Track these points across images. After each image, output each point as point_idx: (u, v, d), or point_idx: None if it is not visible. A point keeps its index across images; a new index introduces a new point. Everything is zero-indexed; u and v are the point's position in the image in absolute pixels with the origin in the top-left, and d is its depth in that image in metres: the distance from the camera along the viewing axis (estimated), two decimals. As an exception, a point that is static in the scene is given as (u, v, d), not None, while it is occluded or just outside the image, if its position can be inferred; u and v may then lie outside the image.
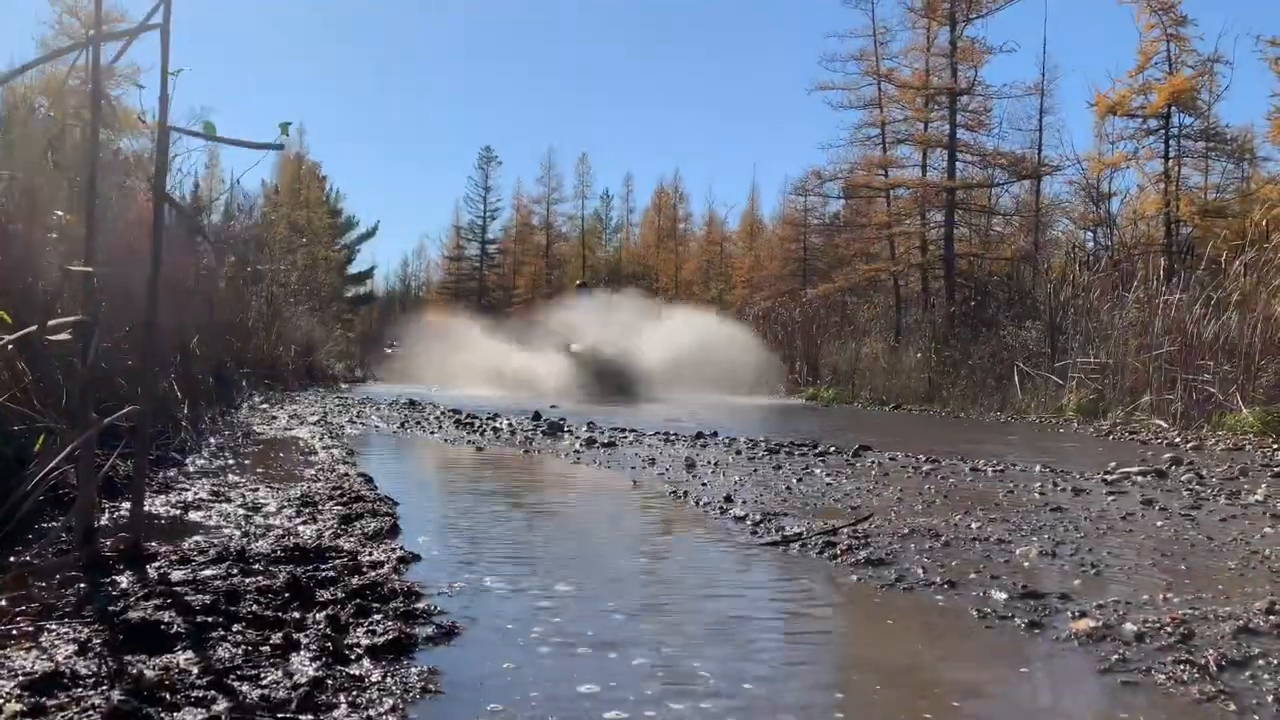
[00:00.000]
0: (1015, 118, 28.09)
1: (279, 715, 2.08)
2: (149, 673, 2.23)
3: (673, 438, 9.70)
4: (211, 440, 7.80)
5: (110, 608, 2.71)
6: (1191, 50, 22.16)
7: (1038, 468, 7.44)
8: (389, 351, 44.53)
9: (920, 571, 3.71)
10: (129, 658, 2.33)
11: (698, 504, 5.48)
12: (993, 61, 27.10)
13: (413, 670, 2.41)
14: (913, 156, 27.39)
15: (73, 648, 2.39)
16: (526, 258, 56.47)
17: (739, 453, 8.29)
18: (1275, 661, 2.60)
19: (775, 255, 37.87)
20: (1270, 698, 2.36)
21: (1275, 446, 9.95)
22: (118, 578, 3.14)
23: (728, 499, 5.51)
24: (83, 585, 3.04)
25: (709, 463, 7.48)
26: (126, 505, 4.33)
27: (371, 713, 2.14)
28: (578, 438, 9.48)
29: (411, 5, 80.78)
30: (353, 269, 57.50)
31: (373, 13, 77.87)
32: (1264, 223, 17.24)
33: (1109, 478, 6.86)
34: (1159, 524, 4.91)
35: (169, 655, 2.38)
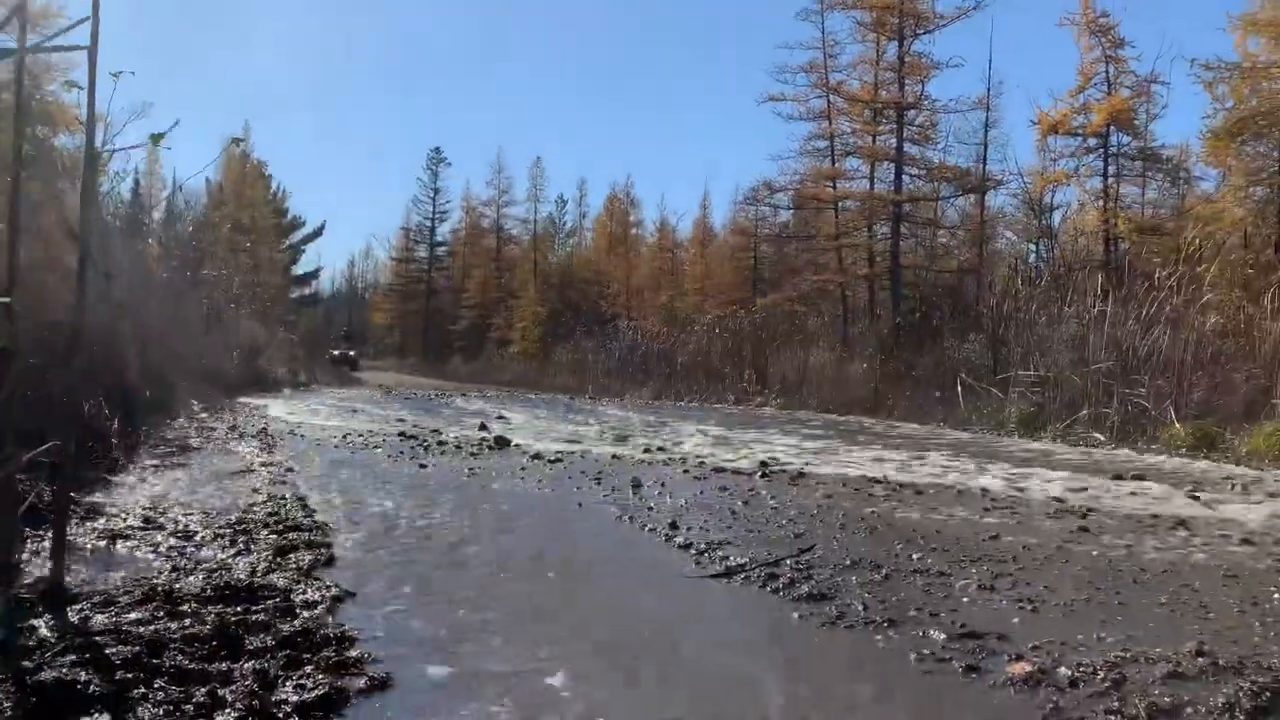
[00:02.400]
0: (961, 132, 28.52)
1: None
2: (61, 741, 2.14)
3: (620, 453, 9.67)
4: (145, 457, 7.58)
5: (25, 663, 2.59)
6: (1129, 71, 22.71)
7: (978, 490, 7.53)
8: (337, 354, 43.61)
9: (861, 608, 3.72)
10: (41, 723, 2.24)
11: (644, 529, 5.45)
12: (939, 77, 27.52)
13: (342, 731, 2.35)
14: (861, 169, 27.68)
15: (-19, 711, 2.28)
16: (476, 261, 56.00)
17: (685, 471, 8.28)
18: (1204, 709, 2.64)
19: (726, 264, 38.07)
20: (1198, 750, 2.40)
21: (1207, 463, 10.21)
22: (36, 622, 3.01)
23: (673, 525, 5.49)
24: (-2, 632, 2.91)
25: (655, 481, 7.45)
26: (51, 534, 4.17)
27: (296, 782, 2.07)
28: (525, 453, 9.40)
29: (362, 5, 79.79)
30: (298, 270, 56.50)
31: (321, 11, 76.66)
32: (1197, 240, 17.74)
33: (1046, 504, 6.96)
34: (1094, 553, 5.00)
35: (85, 719, 2.28)
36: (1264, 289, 14.36)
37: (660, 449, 10.11)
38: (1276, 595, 4.09)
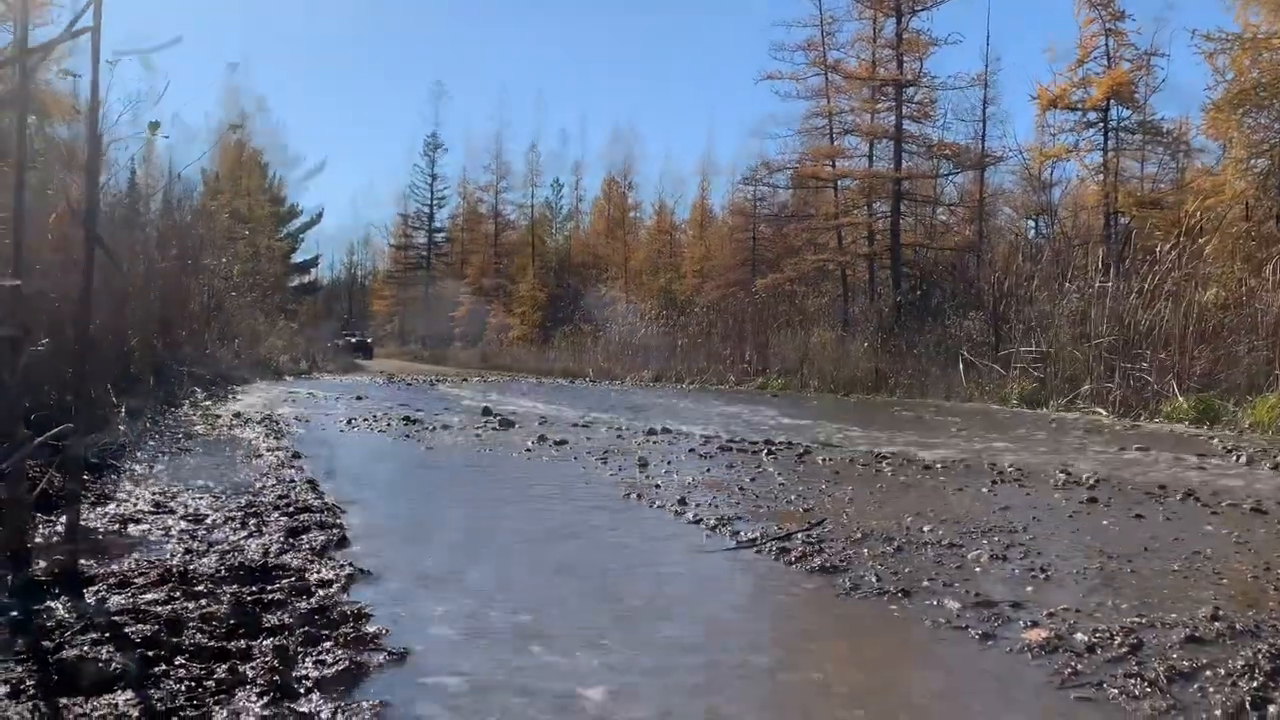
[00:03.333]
0: (959, 109, 28.38)
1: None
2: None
3: (624, 434, 9.68)
4: (151, 444, 7.58)
5: (45, 643, 2.59)
6: (1129, 44, 22.65)
7: (985, 464, 7.55)
8: (355, 340, 43.28)
9: (874, 579, 3.72)
10: (65, 700, 2.24)
11: (652, 506, 5.46)
12: (937, 53, 27.38)
13: (364, 704, 2.35)
14: (860, 147, 27.58)
15: (4, 689, 2.29)
16: (475, 246, 55.87)
17: (691, 450, 8.29)
18: (1222, 672, 2.64)
19: (725, 245, 37.96)
20: (1219, 711, 2.41)
21: (1211, 435, 10.23)
22: (53, 604, 3.02)
23: (682, 501, 5.50)
24: (15, 614, 2.91)
25: (661, 460, 7.47)
26: (64, 519, 4.17)
27: (323, 754, 2.08)
28: (529, 435, 9.40)
29: (354, -11, 79.38)
30: (297, 258, 56.37)
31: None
32: (1197, 214, 17.69)
33: (1054, 476, 6.97)
34: (1104, 523, 5.01)
35: (108, 695, 2.29)
36: (1265, 261, 14.35)
37: (664, 429, 10.12)
38: (1288, 561, 4.09)
